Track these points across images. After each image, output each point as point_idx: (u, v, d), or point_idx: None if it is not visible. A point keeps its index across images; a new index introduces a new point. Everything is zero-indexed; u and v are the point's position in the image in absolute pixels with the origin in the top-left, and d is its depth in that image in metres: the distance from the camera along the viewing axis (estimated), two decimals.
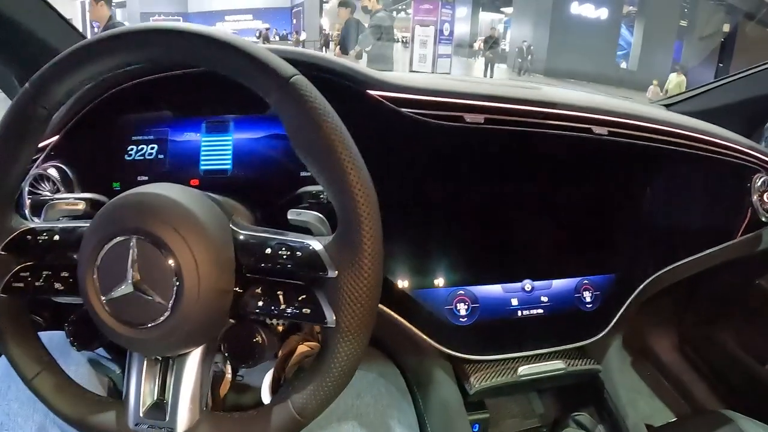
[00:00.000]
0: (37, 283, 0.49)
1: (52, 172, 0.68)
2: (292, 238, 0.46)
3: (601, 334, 0.76)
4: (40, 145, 0.69)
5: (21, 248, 0.49)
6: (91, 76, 0.47)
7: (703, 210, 0.90)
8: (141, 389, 0.48)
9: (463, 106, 0.72)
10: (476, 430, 0.74)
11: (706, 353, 1.29)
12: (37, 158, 0.69)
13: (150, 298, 0.42)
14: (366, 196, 0.42)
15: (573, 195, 0.78)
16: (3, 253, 0.49)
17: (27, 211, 0.67)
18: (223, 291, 0.45)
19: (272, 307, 0.46)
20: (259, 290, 0.46)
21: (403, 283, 0.69)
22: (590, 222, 0.79)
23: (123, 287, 0.42)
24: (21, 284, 0.49)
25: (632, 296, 0.79)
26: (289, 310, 0.45)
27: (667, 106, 1.24)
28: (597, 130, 0.79)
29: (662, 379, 1.34)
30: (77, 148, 0.70)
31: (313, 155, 0.43)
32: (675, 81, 11.20)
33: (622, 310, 0.78)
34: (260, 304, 0.46)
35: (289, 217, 0.50)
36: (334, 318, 0.44)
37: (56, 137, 0.70)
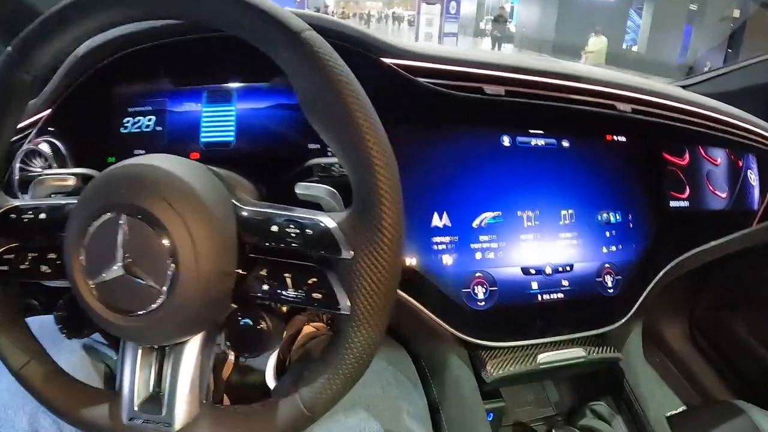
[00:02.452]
0: (22, 267, 0.46)
1: (44, 148, 0.65)
2: (301, 213, 0.41)
3: (622, 320, 0.74)
4: (33, 119, 0.67)
5: (4, 228, 0.46)
6: (79, 36, 0.43)
7: (723, 195, 0.88)
8: (135, 380, 0.45)
9: (482, 76, 0.69)
10: (491, 419, 0.72)
11: (717, 343, 1.28)
12: (29, 133, 0.66)
13: (142, 281, 0.38)
14: (387, 168, 0.38)
15: (595, 174, 0.75)
16: None
17: (17, 190, 0.64)
18: (224, 273, 0.41)
19: (279, 291, 0.42)
20: (264, 272, 0.42)
21: (416, 264, 0.66)
22: (612, 203, 0.76)
23: (112, 270, 0.39)
24: (5, 267, 0.46)
25: (654, 281, 0.77)
26: (297, 295, 0.41)
27: (684, 87, 1.22)
28: (621, 106, 0.77)
29: (672, 367, 1.33)
30: (70, 121, 0.67)
31: (328, 121, 0.39)
32: (594, 46, 10.07)
33: (644, 295, 0.76)
34: (265, 287, 0.42)
35: (297, 191, 0.46)
36: (349, 304, 0.40)
37: (48, 111, 0.67)
